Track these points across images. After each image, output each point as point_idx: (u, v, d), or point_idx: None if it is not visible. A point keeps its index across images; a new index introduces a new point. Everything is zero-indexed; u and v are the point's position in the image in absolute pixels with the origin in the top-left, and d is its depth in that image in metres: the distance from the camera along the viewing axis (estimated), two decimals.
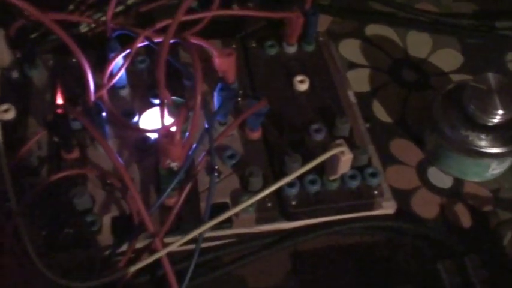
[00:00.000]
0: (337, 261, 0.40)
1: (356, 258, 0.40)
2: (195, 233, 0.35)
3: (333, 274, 0.39)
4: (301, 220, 0.40)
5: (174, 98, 0.42)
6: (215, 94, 0.41)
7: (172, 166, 0.36)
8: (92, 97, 0.38)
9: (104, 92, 0.41)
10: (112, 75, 0.42)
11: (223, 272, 0.39)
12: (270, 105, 0.41)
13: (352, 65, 0.53)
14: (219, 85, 0.41)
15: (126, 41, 0.43)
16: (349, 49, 0.55)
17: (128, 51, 0.42)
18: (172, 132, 0.36)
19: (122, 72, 0.42)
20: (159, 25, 0.43)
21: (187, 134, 0.37)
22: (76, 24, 0.48)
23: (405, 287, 0.39)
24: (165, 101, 0.39)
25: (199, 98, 0.36)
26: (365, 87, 0.52)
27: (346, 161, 0.37)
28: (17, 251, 0.35)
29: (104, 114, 0.40)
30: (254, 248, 0.39)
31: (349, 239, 0.41)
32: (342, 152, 0.36)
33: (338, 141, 0.37)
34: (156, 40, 0.43)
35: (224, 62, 0.43)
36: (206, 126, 0.39)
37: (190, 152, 0.37)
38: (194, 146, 0.38)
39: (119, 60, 0.42)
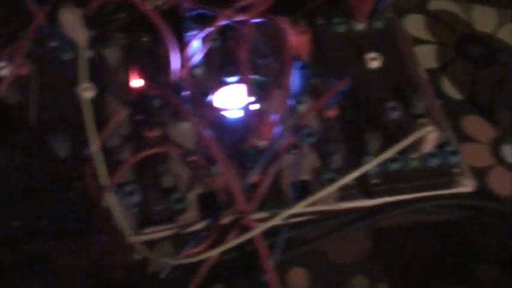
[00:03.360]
0: (418, 240, 0.40)
1: (437, 237, 0.40)
2: (286, 213, 0.35)
3: (414, 252, 0.40)
4: (382, 198, 0.40)
5: (253, 76, 0.42)
6: (293, 73, 0.41)
7: (258, 144, 0.37)
8: (177, 75, 0.39)
9: (184, 71, 0.42)
10: (191, 55, 0.42)
11: (305, 248, 0.39)
12: None
13: (417, 41, 0.53)
14: (298, 63, 0.41)
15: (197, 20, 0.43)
16: (413, 25, 0.54)
17: (209, 30, 0.42)
18: (261, 111, 0.36)
19: (203, 52, 0.42)
20: (239, 4, 0.43)
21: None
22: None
23: (490, 270, 0.39)
24: (248, 79, 0.39)
25: (288, 77, 0.36)
26: (432, 64, 0.51)
27: (431, 140, 0.37)
28: (108, 228, 0.36)
29: (183, 93, 0.40)
30: (336, 225, 0.40)
31: (429, 217, 0.41)
32: (429, 131, 0.36)
33: (423, 120, 0.37)
34: (235, 19, 0.43)
35: (299, 40, 0.43)
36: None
37: (276, 131, 0.38)
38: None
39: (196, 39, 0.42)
